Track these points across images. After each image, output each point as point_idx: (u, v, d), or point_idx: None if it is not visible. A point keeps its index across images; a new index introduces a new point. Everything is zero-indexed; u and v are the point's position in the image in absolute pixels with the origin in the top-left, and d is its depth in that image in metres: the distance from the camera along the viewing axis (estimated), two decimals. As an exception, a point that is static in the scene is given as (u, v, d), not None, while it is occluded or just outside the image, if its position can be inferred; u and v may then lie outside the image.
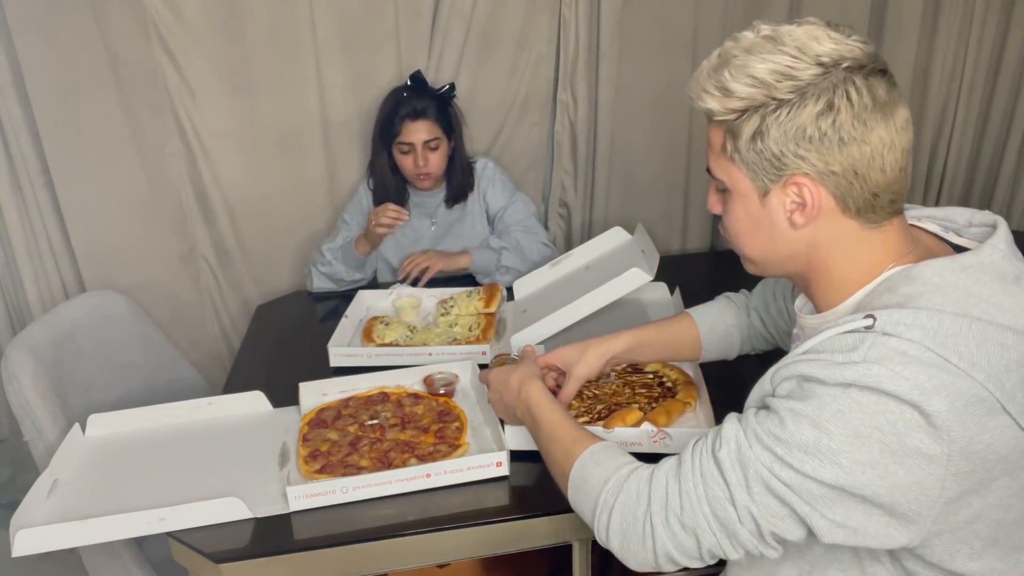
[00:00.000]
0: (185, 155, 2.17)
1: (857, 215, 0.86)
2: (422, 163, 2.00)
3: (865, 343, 0.78)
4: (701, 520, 0.85)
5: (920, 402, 0.74)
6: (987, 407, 0.75)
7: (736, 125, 0.86)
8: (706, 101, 0.87)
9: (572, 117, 2.39)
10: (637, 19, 2.31)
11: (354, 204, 2.15)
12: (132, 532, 1.17)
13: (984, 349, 0.76)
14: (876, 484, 0.76)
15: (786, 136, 0.83)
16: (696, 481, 0.86)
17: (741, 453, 0.83)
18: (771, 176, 0.86)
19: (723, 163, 0.90)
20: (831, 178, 0.84)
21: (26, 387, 1.50)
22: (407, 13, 2.17)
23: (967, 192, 2.78)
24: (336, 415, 1.43)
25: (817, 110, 0.81)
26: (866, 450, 0.76)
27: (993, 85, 2.63)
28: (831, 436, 0.77)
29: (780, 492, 0.80)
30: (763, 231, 0.90)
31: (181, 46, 2.06)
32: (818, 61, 0.82)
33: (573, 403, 1.40)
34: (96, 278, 2.17)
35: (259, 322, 1.99)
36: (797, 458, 0.79)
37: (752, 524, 0.83)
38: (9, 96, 1.97)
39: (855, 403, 0.76)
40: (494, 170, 2.18)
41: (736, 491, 0.83)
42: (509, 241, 2.09)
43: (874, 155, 0.83)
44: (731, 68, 0.84)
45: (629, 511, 0.91)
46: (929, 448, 0.74)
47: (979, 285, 0.81)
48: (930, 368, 0.75)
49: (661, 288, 1.87)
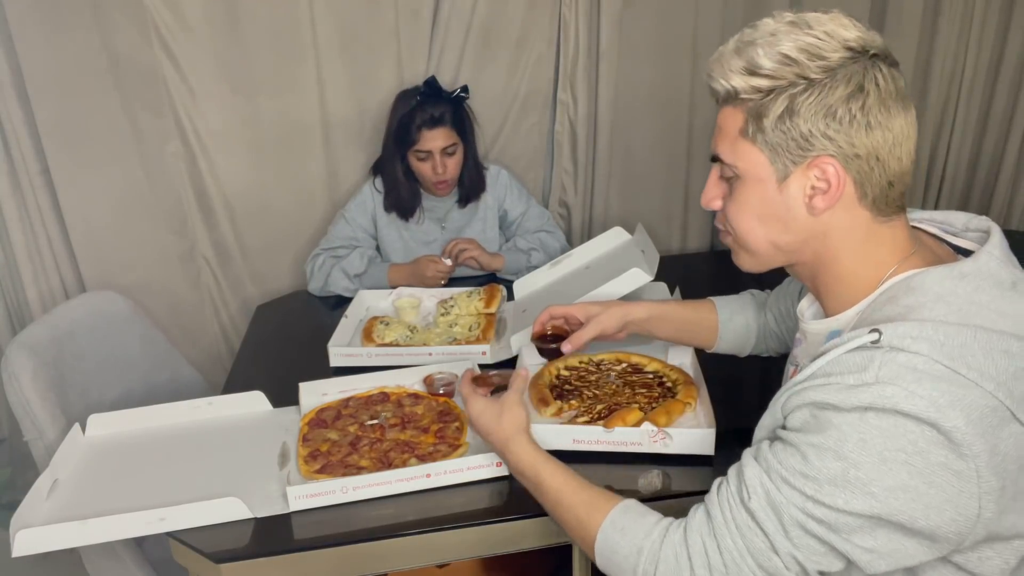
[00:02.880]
0: (185, 155, 2.17)
1: (872, 205, 0.86)
2: (441, 170, 1.99)
3: (875, 362, 0.77)
4: (747, 574, 0.84)
5: (937, 420, 0.73)
6: (999, 417, 0.75)
7: (763, 104, 0.85)
8: (731, 79, 0.86)
9: (572, 117, 2.39)
10: (637, 19, 2.31)
11: (358, 204, 2.13)
12: (132, 532, 1.17)
13: (991, 358, 0.76)
14: (911, 507, 0.76)
15: (816, 115, 0.83)
16: (734, 536, 0.85)
17: (771, 498, 0.82)
18: (795, 157, 0.85)
19: (740, 147, 0.88)
20: (855, 161, 0.84)
21: (26, 387, 1.49)
22: (407, 13, 2.17)
23: (967, 192, 2.79)
24: (336, 415, 1.43)
25: (848, 92, 0.82)
26: (894, 474, 0.75)
27: (993, 85, 2.63)
28: (858, 466, 0.76)
29: (817, 531, 0.79)
30: (777, 218, 0.89)
31: (181, 46, 2.06)
32: (846, 45, 0.82)
33: (572, 403, 1.40)
34: (96, 278, 2.17)
35: (259, 322, 1.99)
36: (828, 493, 0.78)
37: (797, 567, 0.82)
38: (9, 96, 1.97)
39: (875, 428, 0.76)
40: (509, 177, 2.20)
41: (776, 539, 0.82)
42: (533, 241, 2.14)
43: (896, 142, 0.84)
44: (759, 47, 0.84)
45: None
46: (954, 464, 0.74)
47: (979, 292, 0.81)
48: (941, 383, 0.75)
49: (661, 288, 1.87)
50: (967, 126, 2.66)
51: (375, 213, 2.12)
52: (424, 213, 2.13)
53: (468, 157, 2.08)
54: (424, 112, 1.97)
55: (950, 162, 2.71)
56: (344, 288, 2.00)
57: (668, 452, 1.27)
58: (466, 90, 2.04)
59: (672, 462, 1.27)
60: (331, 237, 2.11)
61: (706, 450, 1.25)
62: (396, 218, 2.12)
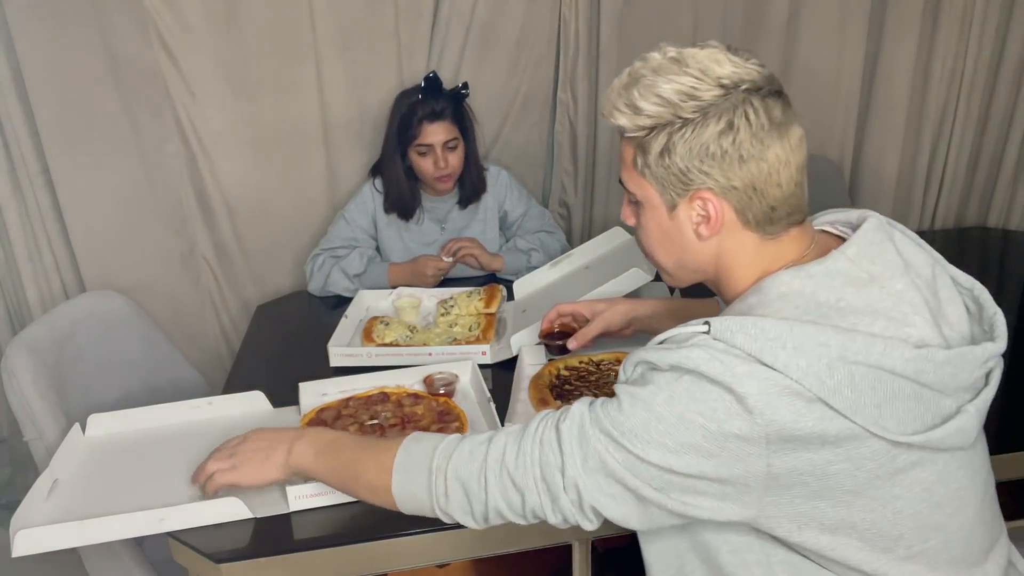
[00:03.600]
0: (185, 155, 2.17)
1: (756, 227, 0.91)
2: (443, 164, 1.99)
3: (696, 336, 0.85)
4: (530, 480, 0.91)
5: (732, 384, 0.80)
6: (804, 399, 0.79)
7: (646, 141, 0.91)
8: (617, 118, 0.92)
9: (572, 117, 2.39)
10: (637, 19, 2.31)
11: (358, 205, 2.12)
12: (132, 532, 1.16)
13: (802, 350, 0.80)
14: (702, 465, 0.82)
15: (691, 153, 0.88)
16: (534, 445, 0.92)
17: (583, 430, 0.89)
18: (678, 191, 0.91)
19: (634, 177, 0.95)
20: (733, 193, 0.89)
21: (26, 387, 1.50)
22: (407, 13, 2.17)
23: (967, 192, 2.78)
24: (336, 415, 1.43)
25: (719, 129, 0.87)
26: (689, 434, 0.82)
27: (993, 85, 2.63)
28: (660, 419, 0.83)
29: (613, 470, 0.86)
30: (674, 243, 0.96)
31: (181, 46, 2.06)
32: (719, 83, 0.87)
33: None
34: (96, 278, 2.17)
35: (259, 322, 1.99)
36: (629, 440, 0.85)
37: (575, 494, 0.88)
38: (9, 96, 1.97)
39: (684, 390, 0.83)
40: (509, 178, 2.20)
41: (568, 461, 0.88)
42: (533, 242, 2.14)
43: (771, 171, 0.88)
44: (640, 87, 0.89)
45: (464, 468, 0.95)
46: (746, 432, 0.80)
47: (826, 290, 0.86)
48: (746, 362, 0.81)
49: (661, 288, 1.87)
50: (967, 126, 2.66)
51: (375, 214, 2.12)
52: (424, 214, 2.13)
53: (469, 157, 2.08)
54: (425, 106, 1.97)
55: (950, 162, 2.71)
56: (344, 288, 2.00)
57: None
58: (466, 87, 2.04)
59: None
60: (331, 237, 2.10)
61: None
62: (396, 219, 2.12)
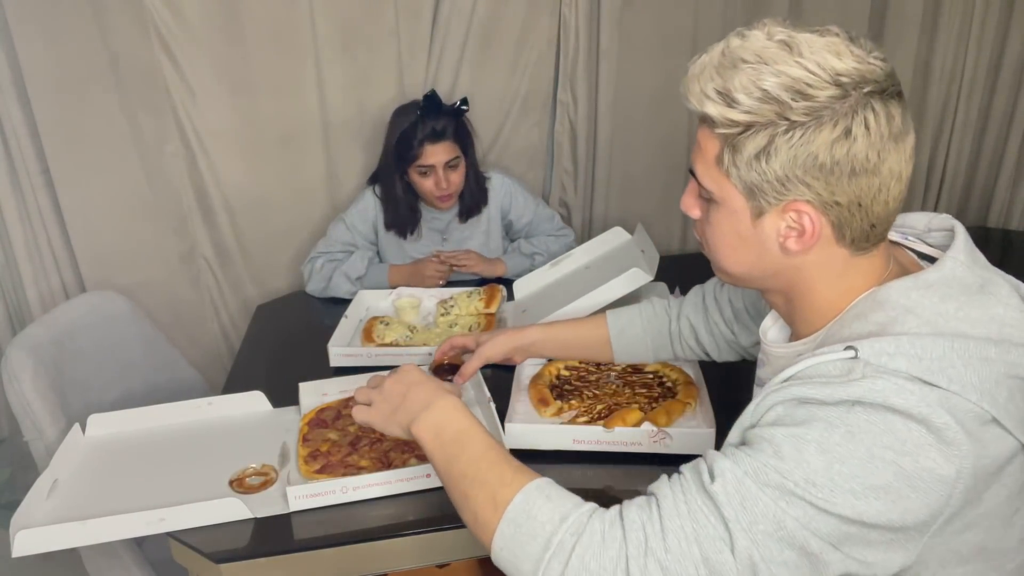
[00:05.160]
0: (185, 155, 2.17)
1: (851, 244, 0.81)
2: (445, 185, 1.98)
3: (858, 366, 0.73)
4: (689, 565, 0.72)
5: (928, 416, 0.70)
6: (982, 422, 0.72)
7: (739, 140, 0.78)
8: (705, 106, 0.78)
9: (572, 117, 2.39)
10: (637, 19, 2.31)
11: (359, 212, 2.10)
12: (132, 532, 1.16)
13: (971, 367, 0.73)
14: (890, 511, 0.71)
15: (795, 161, 0.76)
16: (684, 519, 0.74)
17: (742, 487, 0.72)
18: (770, 198, 0.79)
19: (715, 175, 0.82)
20: (834, 208, 0.78)
21: (26, 387, 1.49)
22: (407, 13, 2.17)
23: (967, 192, 2.79)
24: (336, 415, 1.43)
25: (833, 137, 0.74)
26: (880, 474, 0.70)
27: (993, 85, 2.63)
28: (843, 461, 0.70)
29: (791, 531, 0.71)
30: (750, 251, 0.85)
31: (181, 46, 2.06)
32: (837, 81, 0.74)
33: (573, 403, 1.40)
34: (96, 278, 2.17)
35: (259, 322, 1.99)
36: (807, 491, 0.70)
37: (750, 570, 0.72)
38: (9, 96, 1.97)
39: (865, 423, 0.70)
40: (512, 185, 2.17)
41: (736, 531, 0.72)
42: (538, 246, 2.14)
43: (881, 187, 0.78)
44: (739, 75, 0.76)
45: (594, 556, 0.75)
46: (942, 468, 0.70)
47: (945, 301, 0.77)
48: (925, 387, 0.72)
49: (661, 288, 1.87)
50: (967, 126, 2.66)
51: (376, 222, 2.11)
52: (424, 226, 2.12)
53: (469, 172, 2.06)
54: (426, 126, 1.93)
55: (950, 162, 2.71)
56: (346, 291, 1.99)
57: (668, 452, 1.27)
58: (466, 102, 2.02)
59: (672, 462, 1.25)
60: (330, 240, 2.10)
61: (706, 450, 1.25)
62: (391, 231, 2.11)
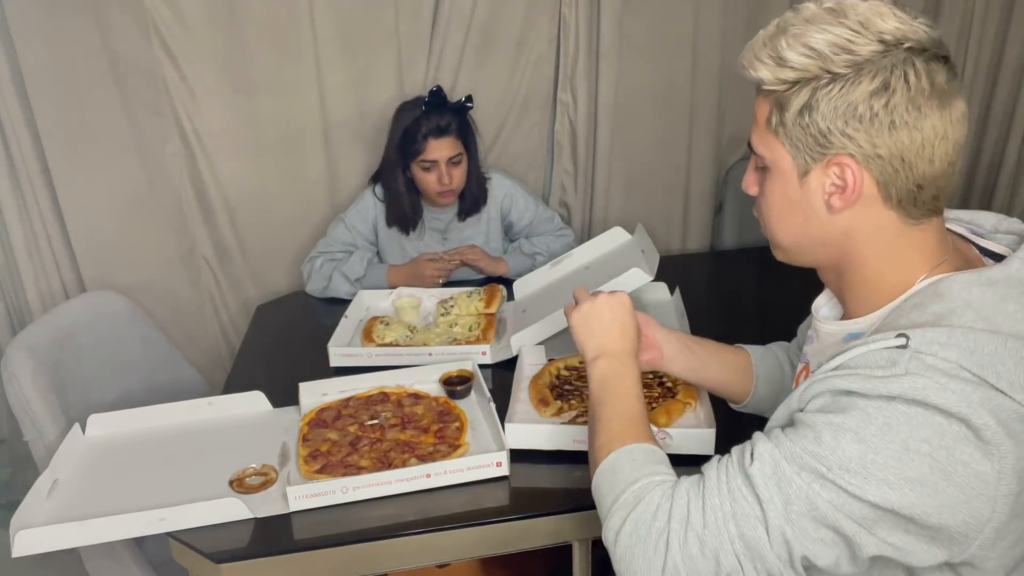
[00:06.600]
0: (185, 155, 2.17)
1: (898, 206, 0.82)
2: (447, 180, 1.97)
3: (903, 358, 0.74)
4: (725, 541, 0.77)
5: (968, 415, 0.70)
6: None
7: (785, 97, 0.82)
8: (758, 69, 0.83)
9: (572, 117, 2.39)
10: (637, 19, 2.31)
11: (359, 212, 2.10)
12: (132, 532, 1.17)
13: (1022, 368, 0.73)
14: (925, 503, 0.72)
15: (835, 112, 0.79)
16: (723, 497, 0.79)
17: (778, 469, 0.76)
18: (814, 154, 0.82)
19: (766, 137, 0.86)
20: (876, 162, 0.79)
21: (26, 387, 1.50)
22: (407, 13, 2.17)
23: (967, 192, 2.79)
24: (336, 415, 1.43)
25: (872, 88, 0.77)
26: (915, 466, 0.71)
27: (993, 85, 2.63)
28: (877, 451, 0.72)
29: (824, 512, 0.74)
30: (798, 213, 0.86)
31: (181, 46, 2.06)
32: (880, 38, 0.78)
33: (573, 403, 1.40)
34: (96, 278, 2.17)
35: (259, 322, 1.99)
36: (840, 476, 0.73)
37: (783, 549, 0.76)
38: (9, 96, 1.97)
39: (902, 415, 0.72)
40: (512, 185, 2.17)
41: (770, 508, 0.76)
42: (539, 245, 2.14)
43: (924, 144, 0.79)
44: (788, 37, 0.80)
45: (644, 523, 0.82)
46: (979, 464, 0.71)
47: (1006, 300, 0.77)
48: (971, 384, 0.72)
49: (661, 288, 1.88)
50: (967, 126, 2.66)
51: (376, 222, 2.11)
52: (425, 225, 2.12)
53: (471, 170, 2.06)
54: (430, 121, 1.94)
55: (950, 162, 2.71)
56: (346, 292, 1.99)
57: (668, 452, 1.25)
58: (470, 99, 2.02)
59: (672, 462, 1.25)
60: (330, 240, 2.10)
61: (706, 450, 1.25)
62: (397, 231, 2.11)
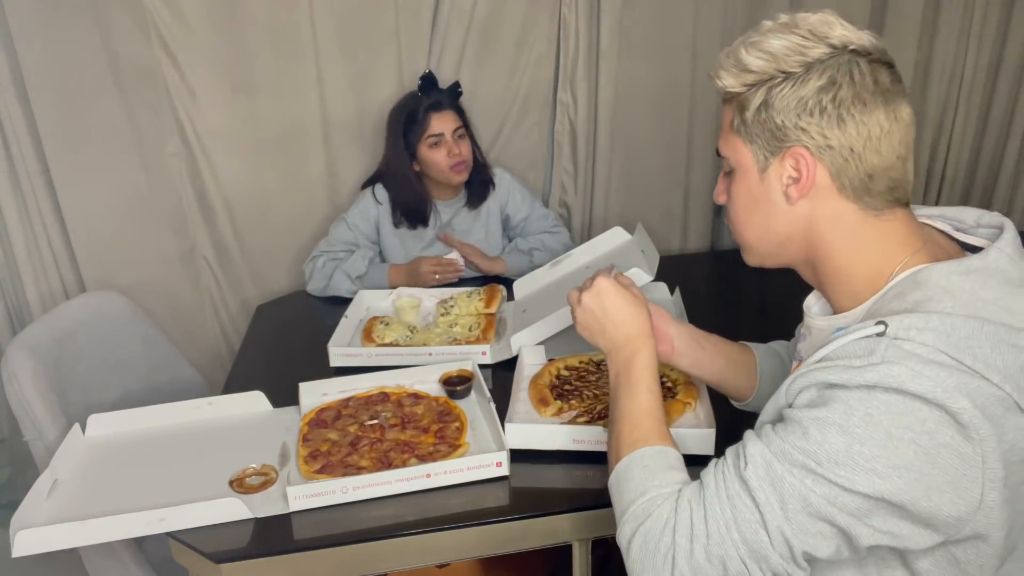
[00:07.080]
0: (185, 155, 2.17)
1: (854, 196, 0.87)
2: (456, 151, 2.01)
3: (880, 346, 0.77)
4: (730, 548, 0.81)
5: (944, 400, 0.73)
6: (1005, 407, 0.74)
7: (745, 98, 0.89)
8: (723, 78, 0.90)
9: (572, 117, 2.39)
10: (637, 19, 2.31)
11: (360, 211, 2.10)
12: (132, 532, 1.17)
13: (998, 351, 0.76)
14: (914, 488, 0.74)
15: (789, 107, 0.86)
16: (723, 505, 0.82)
17: (771, 470, 0.80)
18: (772, 148, 0.88)
19: (731, 139, 0.93)
20: (828, 153, 0.86)
21: (26, 387, 1.50)
22: (407, 13, 2.17)
23: (967, 192, 2.79)
24: (336, 415, 1.43)
25: (820, 84, 0.85)
26: (901, 453, 0.74)
27: (993, 85, 2.63)
28: (862, 442, 0.75)
29: (818, 507, 0.77)
30: (761, 208, 0.92)
31: (181, 46, 2.06)
32: (828, 43, 0.86)
33: (573, 403, 1.40)
34: (96, 278, 2.17)
35: (259, 322, 1.99)
36: (830, 470, 0.76)
37: (784, 547, 0.79)
38: (9, 96, 1.97)
39: (883, 404, 0.75)
40: (511, 181, 2.20)
41: (767, 510, 0.79)
42: (535, 242, 2.16)
43: (871, 136, 0.85)
44: (747, 46, 0.88)
45: (653, 539, 0.85)
46: (961, 446, 0.73)
47: (985, 288, 0.81)
48: (947, 368, 0.74)
49: (661, 288, 1.87)
50: (967, 126, 2.66)
51: (378, 220, 2.11)
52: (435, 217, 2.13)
53: (474, 152, 2.09)
54: (429, 98, 2.00)
55: (950, 162, 2.71)
56: (347, 290, 2.00)
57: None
58: (459, 86, 2.08)
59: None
60: (332, 240, 2.10)
61: (706, 450, 1.25)
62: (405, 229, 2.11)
